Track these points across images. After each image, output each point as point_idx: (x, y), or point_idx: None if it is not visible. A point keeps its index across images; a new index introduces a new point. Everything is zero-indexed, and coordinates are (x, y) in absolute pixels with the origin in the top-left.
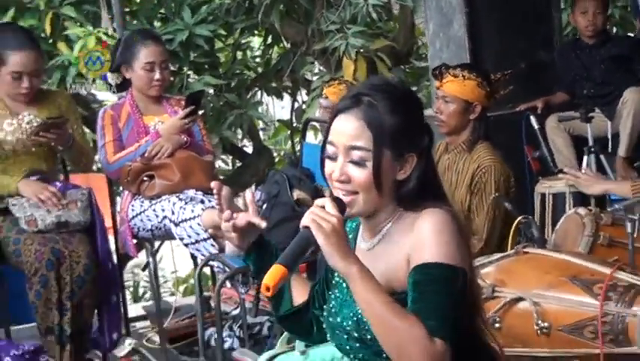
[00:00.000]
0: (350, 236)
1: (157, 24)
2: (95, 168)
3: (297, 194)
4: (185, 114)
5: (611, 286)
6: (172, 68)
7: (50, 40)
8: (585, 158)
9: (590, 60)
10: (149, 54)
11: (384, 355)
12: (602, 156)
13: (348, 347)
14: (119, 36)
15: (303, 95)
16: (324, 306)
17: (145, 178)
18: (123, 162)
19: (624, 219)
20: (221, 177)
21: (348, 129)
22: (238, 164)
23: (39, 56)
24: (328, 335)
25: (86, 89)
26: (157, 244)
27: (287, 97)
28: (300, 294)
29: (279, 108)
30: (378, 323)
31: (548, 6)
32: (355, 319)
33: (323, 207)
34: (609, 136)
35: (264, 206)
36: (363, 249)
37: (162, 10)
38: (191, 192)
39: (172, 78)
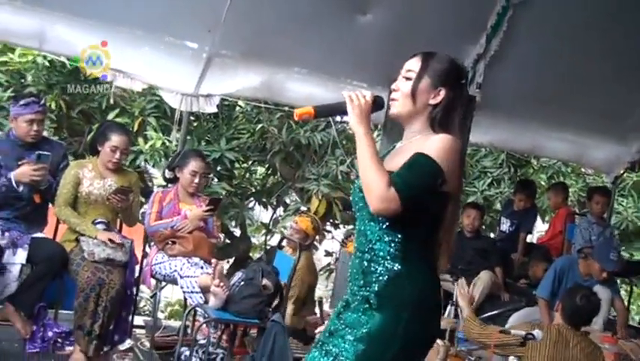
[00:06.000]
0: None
1: (203, 143)
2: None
3: (264, 281)
4: (206, 210)
5: None
6: None
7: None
8: (448, 307)
9: (465, 247)
10: (196, 166)
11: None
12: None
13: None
14: (180, 148)
15: (280, 211)
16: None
17: (169, 242)
18: (158, 228)
19: (466, 356)
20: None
21: (412, 62)
22: (227, 241)
23: (129, 141)
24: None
25: (147, 169)
26: (164, 283)
27: (270, 209)
28: None
29: (264, 214)
30: (363, 168)
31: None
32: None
33: (365, 95)
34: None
35: (242, 283)
36: (397, 146)
37: (208, 136)
38: (196, 259)
39: None
